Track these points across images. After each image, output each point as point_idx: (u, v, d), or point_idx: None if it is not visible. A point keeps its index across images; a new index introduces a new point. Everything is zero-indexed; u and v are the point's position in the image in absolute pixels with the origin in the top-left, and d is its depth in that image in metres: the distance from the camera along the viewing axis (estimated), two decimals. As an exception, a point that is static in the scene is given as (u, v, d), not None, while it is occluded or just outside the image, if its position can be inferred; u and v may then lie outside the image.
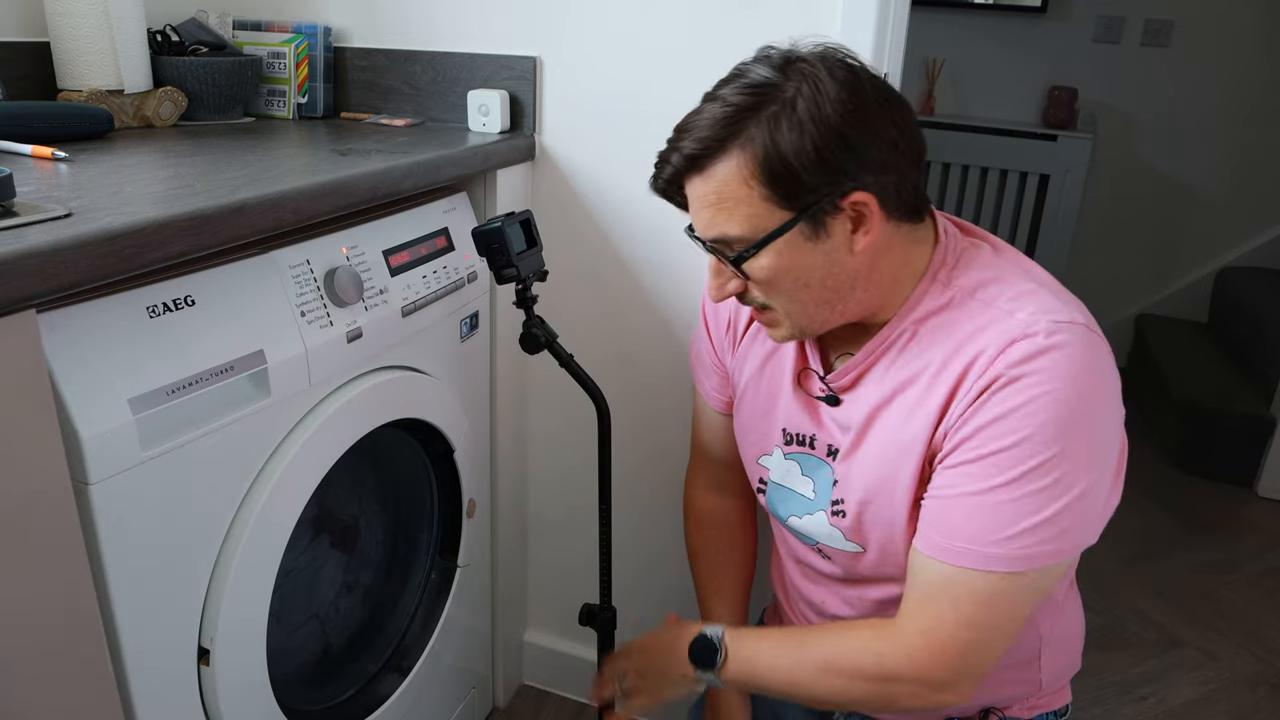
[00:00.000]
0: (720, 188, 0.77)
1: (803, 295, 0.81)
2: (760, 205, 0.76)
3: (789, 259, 0.79)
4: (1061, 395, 0.74)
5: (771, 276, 0.80)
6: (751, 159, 0.75)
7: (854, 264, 0.80)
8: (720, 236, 0.80)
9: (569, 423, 1.48)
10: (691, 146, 0.78)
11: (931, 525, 0.80)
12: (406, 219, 1.12)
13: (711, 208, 0.79)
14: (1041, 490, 0.74)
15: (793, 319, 0.84)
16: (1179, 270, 3.34)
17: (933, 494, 0.81)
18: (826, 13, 1.14)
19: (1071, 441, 0.74)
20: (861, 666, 0.81)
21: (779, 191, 0.75)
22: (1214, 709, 1.72)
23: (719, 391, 1.08)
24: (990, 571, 0.76)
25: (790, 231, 0.77)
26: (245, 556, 0.88)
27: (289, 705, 1.00)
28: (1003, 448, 0.75)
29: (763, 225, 0.77)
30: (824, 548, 0.95)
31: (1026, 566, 0.76)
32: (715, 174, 0.77)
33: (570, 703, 1.64)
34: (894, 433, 0.85)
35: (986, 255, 0.85)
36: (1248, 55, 3.03)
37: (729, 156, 0.76)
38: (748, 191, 0.76)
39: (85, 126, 1.09)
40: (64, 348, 0.70)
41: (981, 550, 0.76)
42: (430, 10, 1.35)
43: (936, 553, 0.79)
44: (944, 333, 0.82)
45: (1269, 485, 2.51)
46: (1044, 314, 0.77)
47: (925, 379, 0.82)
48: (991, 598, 0.77)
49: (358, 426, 1.02)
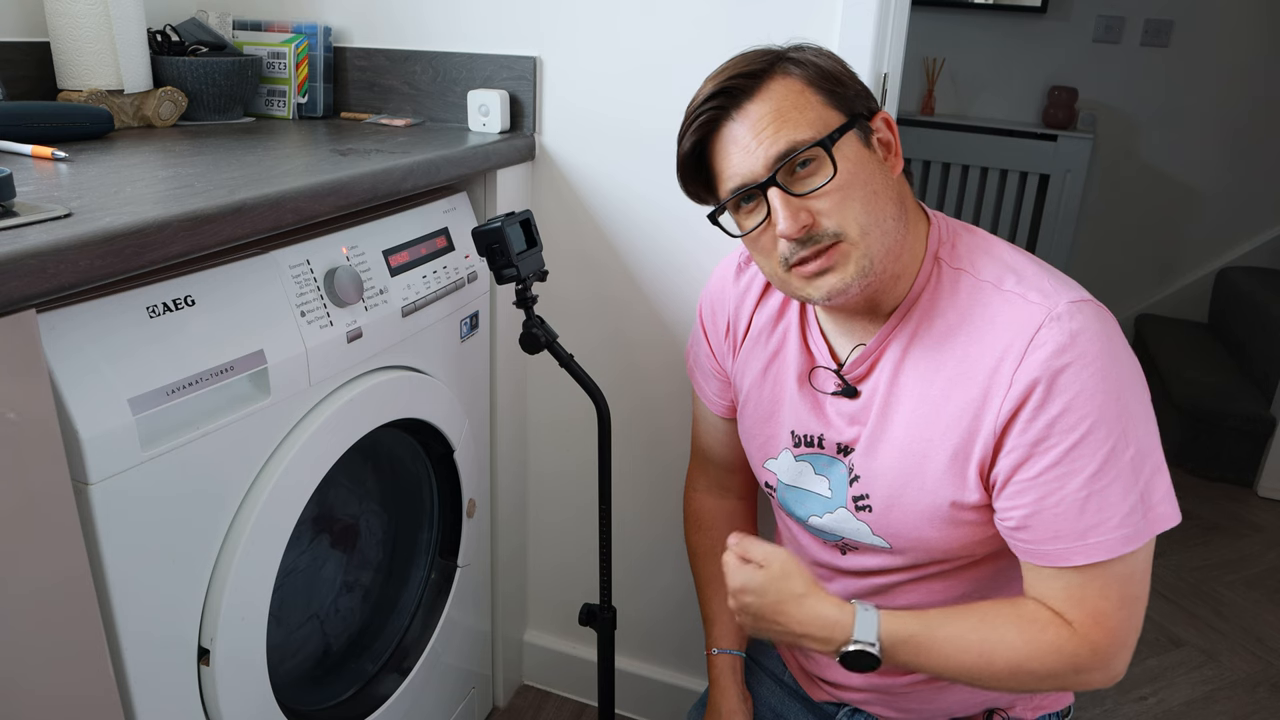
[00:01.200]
0: (780, 101, 0.80)
1: (874, 205, 0.81)
2: (820, 109, 0.81)
3: (855, 161, 0.81)
4: (1105, 372, 0.76)
5: (848, 179, 0.80)
6: (799, 75, 0.82)
7: (897, 188, 0.84)
8: (790, 146, 0.79)
9: (569, 423, 1.48)
10: (739, 69, 0.82)
11: (1046, 539, 0.80)
12: (406, 219, 1.12)
13: (775, 122, 0.80)
14: (1130, 462, 0.77)
15: (866, 239, 0.80)
16: (1179, 270, 3.34)
17: (1028, 509, 0.80)
18: (826, 13, 1.14)
19: (1131, 409, 0.78)
20: (1057, 666, 0.81)
21: (832, 98, 0.82)
22: (1214, 709, 1.72)
23: (719, 396, 1.08)
24: (1123, 554, 0.78)
25: (851, 131, 0.81)
26: (245, 556, 0.87)
27: (289, 705, 1.00)
28: (1079, 439, 0.77)
29: (827, 126, 0.81)
30: (848, 543, 0.95)
31: (1148, 537, 0.79)
32: (770, 92, 0.81)
33: (570, 703, 1.64)
34: (920, 425, 0.85)
35: (980, 236, 0.88)
36: (1247, 55, 3.03)
37: (776, 78, 0.82)
38: (807, 99, 0.81)
39: (85, 126, 1.09)
40: (64, 348, 0.70)
41: (1107, 540, 0.78)
42: (430, 10, 1.35)
43: (1066, 559, 0.79)
44: (957, 317, 0.83)
45: (1269, 485, 2.52)
46: (1056, 295, 0.79)
47: (949, 369, 0.83)
48: (1130, 573, 0.79)
49: (358, 426, 1.02)
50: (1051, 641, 0.81)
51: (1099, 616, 0.80)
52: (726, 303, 1.02)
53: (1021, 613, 0.83)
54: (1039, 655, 0.81)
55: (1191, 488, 2.55)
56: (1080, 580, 0.80)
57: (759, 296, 0.99)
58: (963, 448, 0.82)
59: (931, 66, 3.37)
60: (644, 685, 1.56)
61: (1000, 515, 0.83)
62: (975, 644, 0.83)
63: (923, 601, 0.93)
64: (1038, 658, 0.81)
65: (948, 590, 0.92)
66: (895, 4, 1.14)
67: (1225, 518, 2.41)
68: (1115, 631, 0.80)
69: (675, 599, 1.50)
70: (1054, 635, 0.81)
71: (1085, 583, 0.80)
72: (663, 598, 1.52)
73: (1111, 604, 0.80)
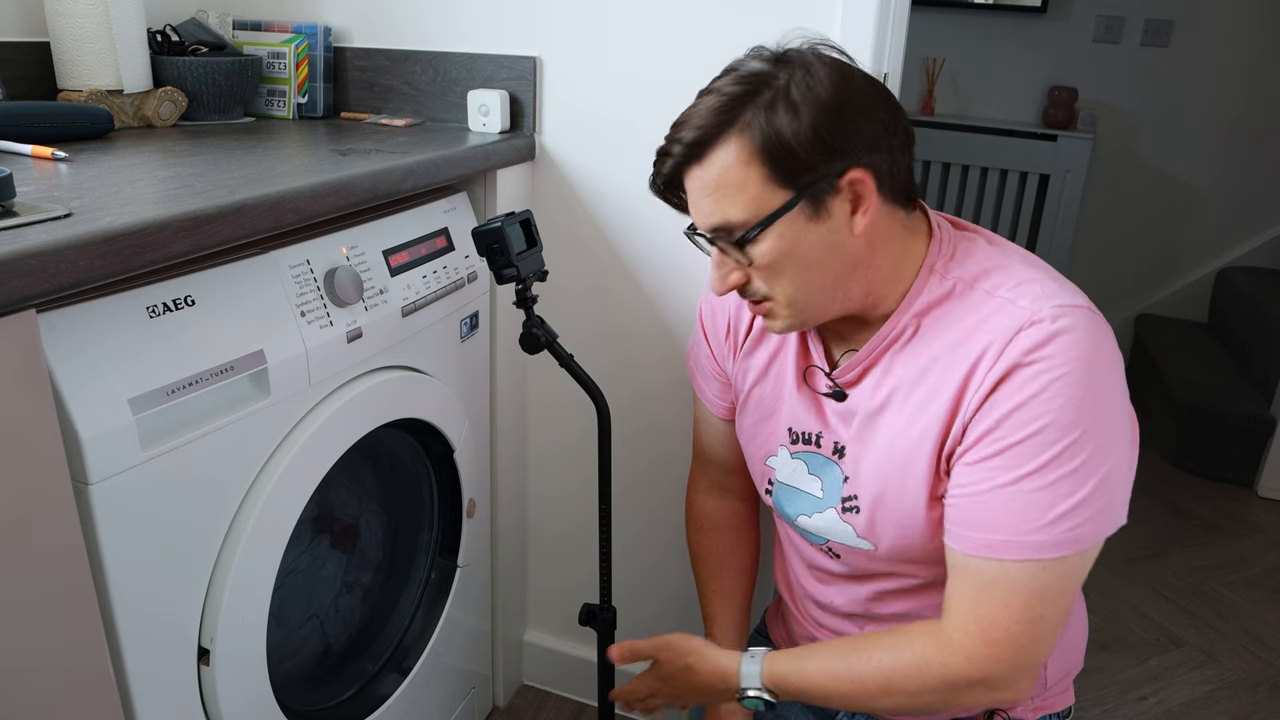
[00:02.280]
0: (721, 174, 0.78)
1: (805, 279, 0.81)
2: (761, 187, 0.77)
3: (791, 240, 0.79)
4: (1076, 378, 0.75)
5: (775, 259, 0.80)
6: (749, 142, 0.77)
7: (855, 246, 0.81)
8: (722, 223, 0.80)
9: (569, 422, 1.48)
10: (691, 135, 0.79)
11: (966, 523, 0.80)
12: (406, 219, 1.12)
13: (713, 195, 0.79)
14: (1073, 473, 0.75)
15: (794, 307, 0.84)
16: (1179, 270, 3.34)
17: (962, 491, 0.80)
18: (826, 13, 1.14)
19: (1092, 421, 0.75)
20: (925, 682, 0.81)
21: (779, 171, 0.77)
22: (1214, 709, 1.72)
23: (719, 397, 1.08)
24: (1035, 560, 0.76)
25: (792, 211, 0.78)
26: (245, 556, 0.88)
27: (289, 705, 1.00)
28: (1026, 436, 0.76)
29: (764, 207, 0.78)
30: (834, 545, 0.95)
31: (1069, 550, 0.76)
32: (715, 160, 0.78)
33: (570, 703, 1.64)
34: (904, 427, 0.85)
35: (981, 246, 0.86)
36: (1247, 55, 3.03)
37: (728, 142, 0.77)
38: (748, 174, 0.77)
39: (85, 126, 1.09)
40: (64, 348, 0.70)
41: (1023, 540, 0.76)
42: (430, 10, 1.35)
43: (977, 550, 0.79)
44: (948, 324, 0.83)
45: (1269, 485, 2.51)
46: (1047, 299, 0.78)
47: (933, 373, 0.83)
48: (1040, 587, 0.77)
49: (358, 426, 1.02)
50: (917, 657, 0.81)
51: (988, 626, 0.78)
52: (727, 304, 1.02)
53: (897, 633, 0.85)
54: (905, 671, 0.82)
55: (1191, 488, 2.55)
56: (985, 579, 0.78)
57: (759, 297, 0.99)
58: (939, 444, 0.82)
59: (931, 66, 3.37)
60: (644, 685, 1.56)
61: (946, 496, 0.83)
62: (844, 670, 0.85)
63: (915, 610, 0.94)
64: (904, 674, 0.82)
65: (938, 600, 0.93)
66: (895, 4, 1.14)
67: (1225, 518, 2.41)
68: (1000, 644, 0.78)
69: (675, 599, 1.50)
70: (920, 649, 0.81)
71: (989, 583, 0.78)
72: (663, 597, 1.52)
73: (1009, 615, 0.78)
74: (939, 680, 0.80)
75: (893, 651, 0.84)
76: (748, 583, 1.15)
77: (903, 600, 0.94)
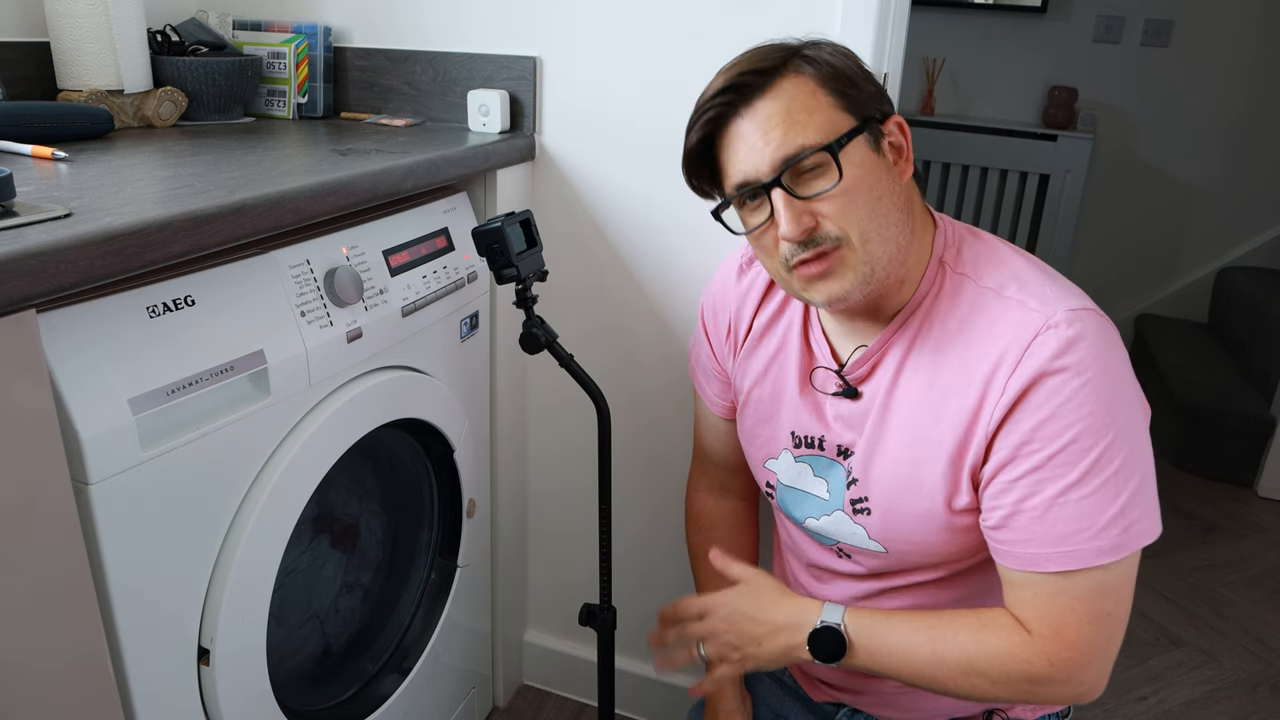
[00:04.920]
0: (790, 101, 0.79)
1: (878, 211, 0.80)
2: (831, 112, 0.79)
3: (864, 166, 0.80)
4: (1099, 382, 0.76)
5: (852, 184, 0.79)
6: (812, 75, 0.80)
7: (905, 193, 0.83)
8: (797, 150, 0.78)
9: (569, 422, 1.48)
10: (751, 66, 0.80)
11: (1021, 541, 0.80)
12: (406, 219, 1.12)
13: (784, 124, 0.79)
14: (1114, 475, 0.76)
15: (867, 246, 0.80)
16: (1179, 270, 3.34)
17: (1007, 509, 0.80)
18: (826, 12, 1.14)
19: (1121, 422, 0.76)
20: (1008, 671, 0.81)
21: (844, 99, 0.80)
22: (1214, 709, 1.72)
23: (720, 397, 1.08)
24: (1096, 567, 0.77)
25: (860, 136, 0.80)
26: (245, 556, 0.87)
27: (289, 705, 1.00)
28: (1064, 446, 0.76)
29: (836, 130, 0.79)
30: (844, 547, 0.95)
31: (1126, 552, 0.77)
32: (782, 90, 0.80)
33: (570, 703, 1.64)
34: (918, 430, 0.85)
35: (985, 240, 0.88)
36: (1247, 55, 3.03)
37: (788, 76, 0.80)
38: (818, 100, 0.79)
39: (85, 126, 1.09)
40: (64, 348, 0.70)
41: (1082, 549, 0.77)
42: (430, 10, 1.35)
43: (1038, 565, 0.79)
44: (958, 322, 0.83)
45: (1269, 485, 2.51)
46: (1057, 303, 0.78)
47: (945, 375, 0.83)
48: (1103, 589, 0.78)
49: (358, 426, 1.02)
50: (1002, 645, 0.81)
51: (1060, 628, 0.79)
52: (728, 304, 1.02)
53: (980, 618, 0.84)
54: (988, 656, 0.81)
55: (1191, 488, 2.55)
56: (1050, 589, 0.79)
57: (760, 297, 0.99)
58: (958, 452, 0.82)
59: (931, 66, 3.37)
60: (644, 685, 1.56)
61: (983, 515, 0.83)
62: (926, 640, 0.84)
63: (917, 606, 0.94)
64: (986, 658, 0.82)
65: (942, 596, 0.93)
66: (895, 4, 1.14)
67: (1225, 518, 2.41)
68: (1076, 645, 0.79)
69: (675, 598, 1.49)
70: (1005, 639, 0.81)
71: (1054, 592, 0.79)
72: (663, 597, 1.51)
73: (1078, 617, 0.79)
74: (1021, 674, 0.81)
75: (977, 636, 0.83)
76: (748, 583, 1.15)
77: (905, 596, 0.94)
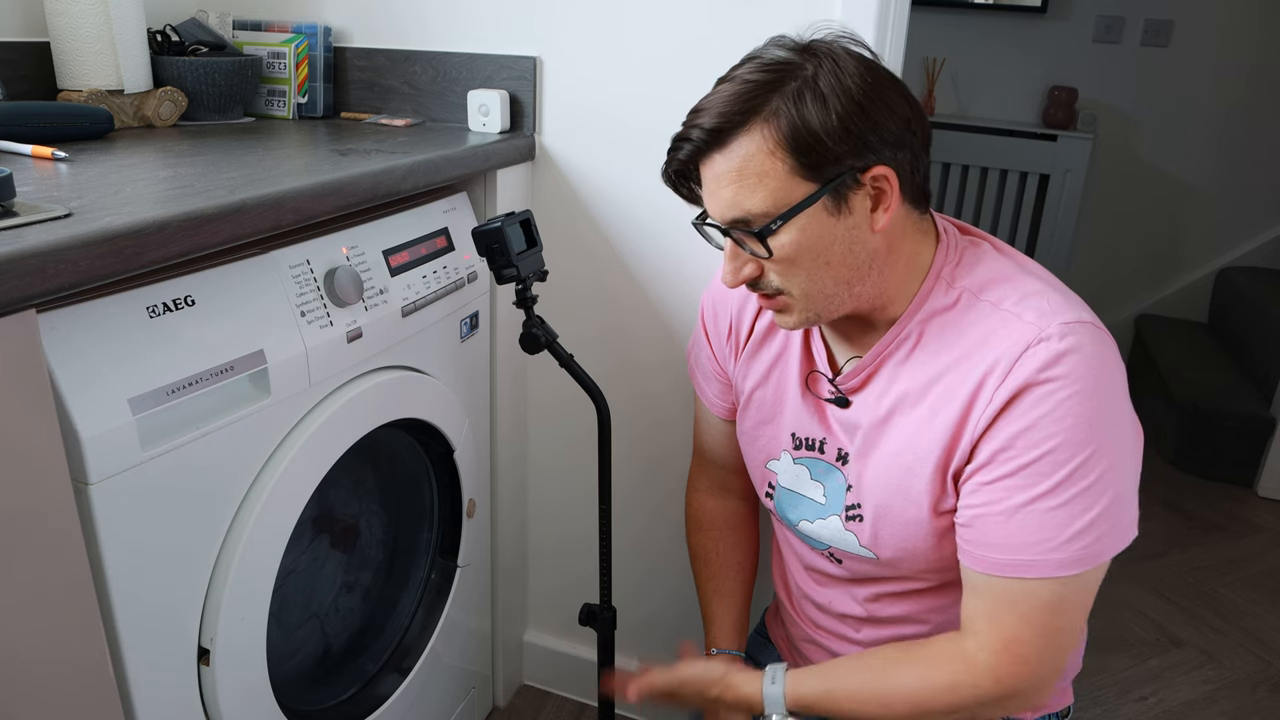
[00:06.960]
0: (744, 162, 0.76)
1: (822, 274, 0.80)
2: (785, 179, 0.76)
3: (812, 234, 0.78)
4: (1085, 396, 0.75)
5: (794, 253, 0.79)
6: (776, 130, 0.75)
7: (873, 243, 0.80)
8: (742, 215, 0.78)
9: (569, 423, 1.48)
10: (712, 121, 0.77)
11: (984, 543, 0.80)
12: (406, 219, 1.12)
13: (734, 184, 0.77)
14: (1087, 490, 0.76)
15: (808, 301, 0.82)
16: (1179, 270, 3.33)
17: (977, 512, 0.80)
18: (826, 12, 1.14)
19: (1103, 438, 0.76)
20: (956, 703, 0.81)
21: (804, 163, 0.75)
22: (1214, 709, 1.72)
23: (720, 398, 1.08)
24: (1054, 578, 0.77)
25: (815, 204, 0.76)
26: (245, 556, 0.88)
27: (289, 705, 1.00)
28: (1040, 455, 0.76)
29: (787, 199, 0.76)
30: (836, 551, 0.95)
31: (1088, 566, 0.77)
32: (738, 148, 0.76)
33: (570, 703, 1.64)
34: (908, 439, 0.85)
35: (988, 254, 0.86)
36: (1247, 55, 3.03)
37: (752, 130, 0.76)
38: (773, 164, 0.76)
39: (85, 126, 1.09)
40: (64, 348, 0.70)
41: (1043, 559, 0.77)
42: (430, 10, 1.35)
43: (998, 570, 0.79)
44: (953, 335, 0.82)
45: (1269, 485, 2.51)
46: (1053, 315, 0.77)
47: (938, 387, 0.82)
48: (1059, 602, 0.78)
49: (358, 426, 1.02)
50: (946, 681, 0.82)
51: (1012, 643, 0.79)
52: (729, 304, 1.02)
53: (927, 652, 0.85)
54: (935, 694, 0.82)
55: (1191, 488, 2.55)
56: (1006, 597, 0.79)
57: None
58: (945, 459, 0.82)
59: (931, 66, 3.37)
60: (644, 685, 1.56)
61: (956, 513, 0.83)
62: (871, 695, 0.86)
63: (914, 612, 0.94)
64: (935, 697, 0.82)
65: (937, 603, 0.93)
66: (895, 4, 1.14)
67: (1225, 518, 2.41)
68: (1025, 661, 0.79)
69: (675, 599, 1.50)
70: (950, 673, 0.82)
71: (1010, 601, 0.79)
72: (663, 597, 1.52)
73: (1031, 629, 0.78)
74: (971, 701, 0.81)
75: (920, 675, 0.84)
76: (747, 583, 1.15)
77: (901, 603, 0.94)
